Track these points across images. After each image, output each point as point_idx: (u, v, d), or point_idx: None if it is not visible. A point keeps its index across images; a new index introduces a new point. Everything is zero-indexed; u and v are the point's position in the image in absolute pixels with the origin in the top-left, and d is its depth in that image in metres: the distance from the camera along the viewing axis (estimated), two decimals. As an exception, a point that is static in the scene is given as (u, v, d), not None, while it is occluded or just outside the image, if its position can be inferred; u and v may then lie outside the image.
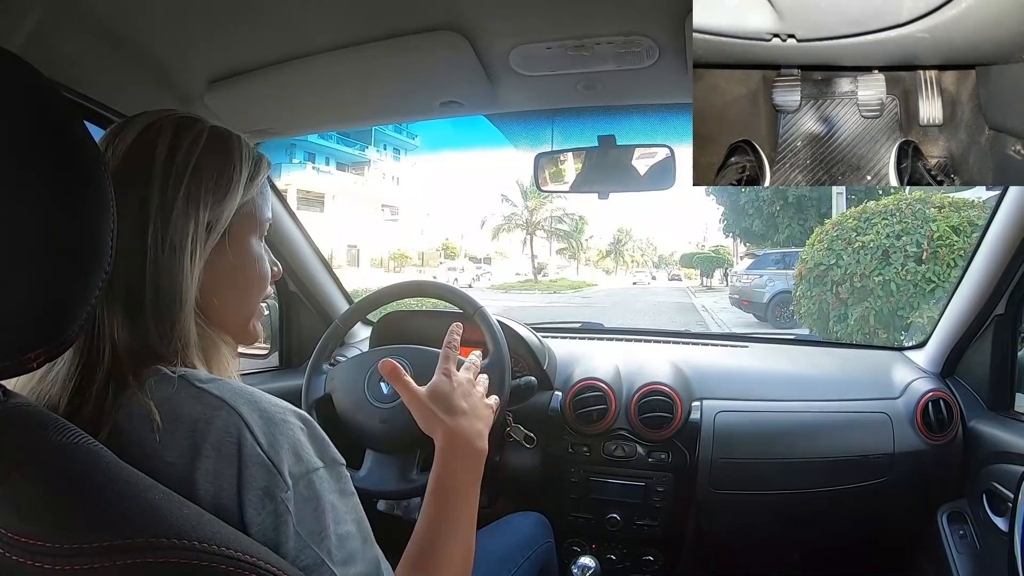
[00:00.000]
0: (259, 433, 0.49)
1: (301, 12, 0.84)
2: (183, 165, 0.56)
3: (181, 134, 0.57)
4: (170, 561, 0.40)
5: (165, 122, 0.58)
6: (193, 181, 0.56)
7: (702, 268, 26.33)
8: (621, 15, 0.84)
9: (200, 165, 0.57)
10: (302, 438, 0.52)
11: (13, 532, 0.39)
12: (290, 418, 0.52)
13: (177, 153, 0.56)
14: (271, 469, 0.48)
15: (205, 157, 0.57)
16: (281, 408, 0.53)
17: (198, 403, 0.50)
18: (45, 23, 0.73)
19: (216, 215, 0.57)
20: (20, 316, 0.40)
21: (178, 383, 0.51)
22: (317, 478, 0.51)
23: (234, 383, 0.53)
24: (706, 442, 1.29)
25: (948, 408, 1.27)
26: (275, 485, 0.48)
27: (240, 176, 0.59)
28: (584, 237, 38.06)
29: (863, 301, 5.32)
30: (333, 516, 0.51)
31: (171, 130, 0.57)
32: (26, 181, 0.40)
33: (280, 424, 0.51)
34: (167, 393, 0.50)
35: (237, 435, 0.48)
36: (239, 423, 0.49)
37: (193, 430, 0.49)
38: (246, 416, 0.50)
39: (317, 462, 0.52)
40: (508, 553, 1.06)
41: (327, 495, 0.51)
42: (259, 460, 0.48)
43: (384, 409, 1.10)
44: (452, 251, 37.28)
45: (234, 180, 0.59)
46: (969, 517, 1.26)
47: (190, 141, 0.57)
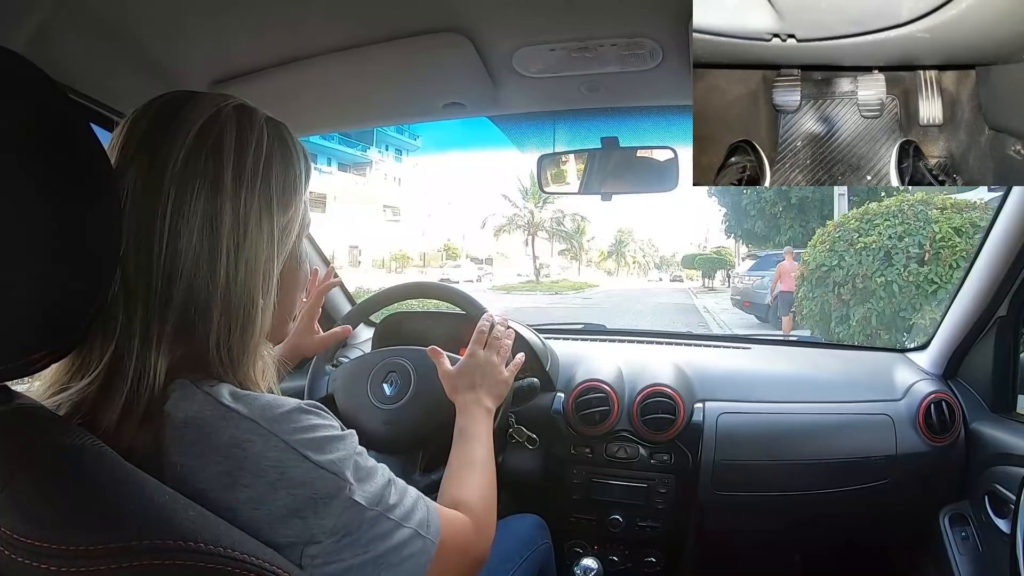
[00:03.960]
0: (302, 446, 0.48)
1: (304, 14, 0.85)
2: (254, 169, 0.52)
3: (245, 131, 0.52)
4: (176, 563, 0.40)
5: (227, 117, 0.52)
6: (264, 188, 0.52)
7: (704, 269, 26.32)
8: (624, 17, 0.84)
9: (269, 168, 0.53)
10: (335, 429, 0.53)
11: (18, 534, 0.39)
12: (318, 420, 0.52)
13: (246, 155, 0.52)
14: (324, 474, 0.49)
15: (272, 158, 0.54)
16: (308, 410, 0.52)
17: (229, 426, 0.48)
18: (47, 25, 0.73)
19: (286, 221, 0.55)
20: (24, 318, 0.40)
21: (204, 400, 0.48)
22: (358, 455, 0.53)
23: (262, 398, 0.50)
24: (708, 443, 1.29)
25: (950, 410, 1.26)
26: (334, 485, 0.49)
27: (302, 175, 0.57)
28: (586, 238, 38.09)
29: (865, 302, 5.30)
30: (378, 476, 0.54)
31: (235, 126, 0.52)
32: (31, 183, 0.40)
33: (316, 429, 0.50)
34: (195, 410, 0.48)
35: (279, 458, 0.47)
36: (279, 444, 0.48)
37: (228, 456, 0.47)
38: (285, 436, 0.48)
39: (354, 444, 0.53)
40: (507, 554, 1.06)
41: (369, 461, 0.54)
42: (310, 471, 0.48)
43: (387, 410, 1.10)
44: (453, 252, 37.29)
45: (297, 181, 0.56)
46: (971, 519, 1.25)
47: (256, 139, 0.53)
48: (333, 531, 0.48)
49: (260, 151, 0.53)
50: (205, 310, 0.50)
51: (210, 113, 0.52)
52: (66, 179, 0.41)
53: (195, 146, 0.50)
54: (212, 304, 0.50)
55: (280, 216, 0.54)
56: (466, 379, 0.90)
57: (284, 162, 0.55)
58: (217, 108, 0.53)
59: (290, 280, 0.60)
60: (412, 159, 32.04)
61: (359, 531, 0.50)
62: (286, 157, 0.56)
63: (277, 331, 0.61)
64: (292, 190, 0.55)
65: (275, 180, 0.54)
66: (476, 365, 0.92)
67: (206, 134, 0.51)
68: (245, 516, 0.46)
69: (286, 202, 0.55)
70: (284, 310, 0.61)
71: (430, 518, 0.57)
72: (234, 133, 0.52)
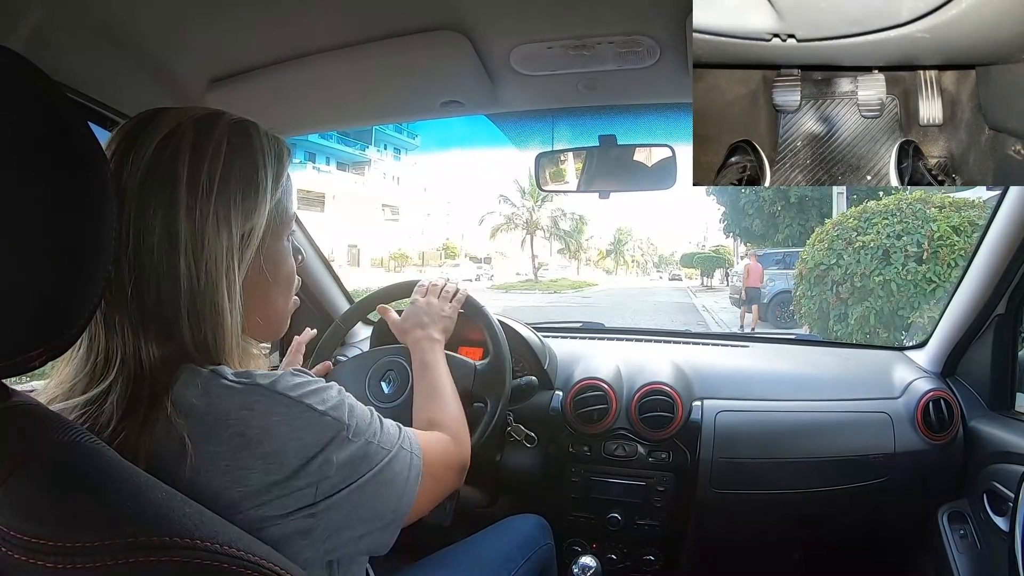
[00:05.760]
0: (303, 400, 0.53)
1: (302, 12, 0.84)
2: (209, 182, 0.53)
3: (202, 142, 0.54)
4: (173, 560, 0.40)
5: (183, 131, 0.54)
6: (221, 198, 0.54)
7: (702, 268, 26.36)
8: (622, 15, 0.84)
9: (227, 177, 0.54)
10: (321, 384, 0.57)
11: (15, 531, 0.39)
12: (308, 376, 0.56)
13: (201, 168, 0.53)
14: (327, 421, 0.54)
15: (230, 166, 0.55)
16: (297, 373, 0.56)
17: (235, 394, 0.51)
18: (46, 23, 0.72)
19: (248, 228, 0.56)
20: (21, 315, 0.40)
21: (209, 377, 0.52)
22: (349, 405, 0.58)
23: (259, 371, 0.55)
24: (707, 442, 1.29)
25: (949, 408, 1.27)
26: (336, 431, 0.54)
27: (267, 180, 0.57)
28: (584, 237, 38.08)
29: (863, 301, 5.32)
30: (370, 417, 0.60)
31: (191, 140, 0.54)
32: (30, 181, 0.40)
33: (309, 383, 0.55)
34: (202, 388, 0.51)
35: (285, 413, 0.52)
36: (282, 399, 0.52)
37: (237, 419, 0.50)
38: (285, 391, 0.53)
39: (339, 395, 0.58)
40: (508, 554, 1.06)
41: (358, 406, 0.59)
42: (314, 421, 0.53)
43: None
44: (452, 251, 37.29)
45: (261, 186, 0.56)
46: (970, 517, 1.26)
47: (213, 150, 0.54)
48: (340, 465, 0.53)
49: (217, 161, 0.54)
50: (175, 317, 0.53)
51: (169, 129, 0.54)
52: (64, 177, 0.41)
53: (152, 163, 0.52)
54: (180, 310, 0.53)
55: (241, 223, 0.55)
56: (412, 320, 1.02)
57: (246, 169, 0.56)
58: (177, 123, 0.54)
59: (267, 281, 0.60)
60: (411, 158, 32.02)
61: (360, 462, 0.55)
62: (249, 163, 0.56)
63: (264, 330, 0.64)
64: (255, 195, 0.56)
65: (234, 188, 0.55)
66: (418, 308, 1.05)
67: (162, 150, 0.53)
68: (258, 478, 0.49)
69: (248, 209, 0.56)
70: (270, 310, 0.63)
71: (412, 441, 0.63)
72: (190, 147, 0.54)
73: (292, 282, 0.66)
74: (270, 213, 0.58)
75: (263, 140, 0.58)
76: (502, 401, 1.10)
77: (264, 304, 0.62)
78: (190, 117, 0.55)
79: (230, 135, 0.56)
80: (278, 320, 0.65)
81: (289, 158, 0.62)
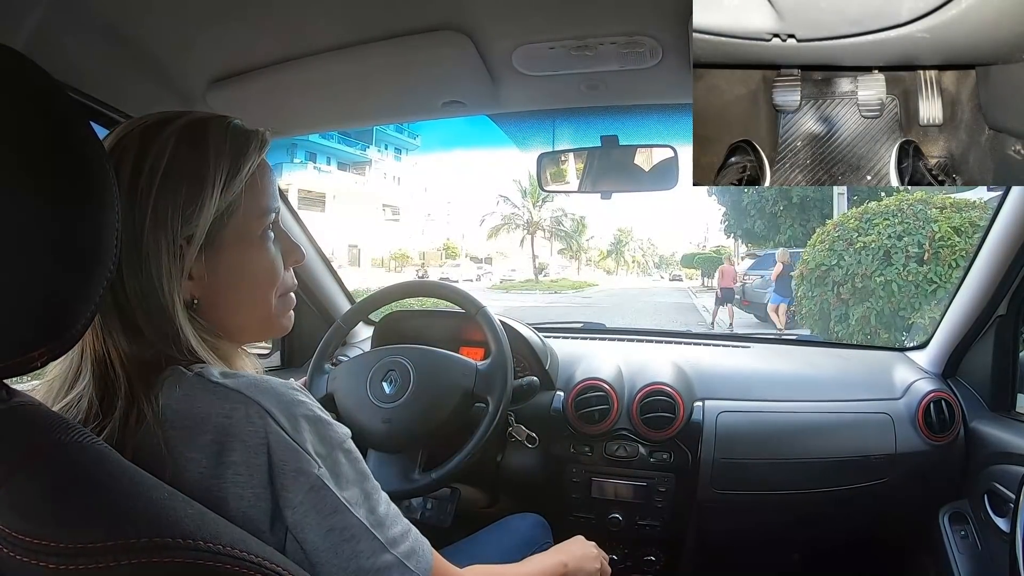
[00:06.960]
0: (281, 419, 0.51)
1: (303, 12, 0.84)
2: (147, 186, 0.53)
3: (147, 147, 0.54)
4: (175, 561, 0.40)
5: (132, 134, 0.55)
6: (160, 202, 0.53)
7: (703, 268, 26.30)
8: (624, 15, 0.84)
9: (166, 183, 0.54)
10: (321, 415, 0.54)
11: (17, 531, 0.39)
12: (305, 398, 0.54)
13: (141, 172, 0.53)
14: (298, 450, 0.51)
15: (172, 170, 0.54)
16: (295, 390, 0.54)
17: (216, 399, 0.51)
18: (47, 23, 0.73)
19: (189, 231, 0.55)
20: (23, 315, 0.40)
21: (194, 380, 0.52)
22: (343, 451, 0.54)
23: (249, 375, 0.54)
24: (708, 442, 1.29)
25: (949, 409, 1.26)
26: (307, 464, 0.51)
27: (215, 182, 0.56)
28: (585, 237, 38.06)
29: (864, 301, 5.31)
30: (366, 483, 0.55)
31: (136, 144, 0.54)
32: (31, 180, 0.40)
33: (299, 405, 0.53)
34: (184, 391, 0.51)
35: (262, 425, 0.50)
36: (261, 412, 0.50)
37: (215, 426, 0.50)
38: (266, 405, 0.51)
39: (340, 435, 0.55)
40: (508, 554, 1.06)
41: (358, 464, 0.55)
42: (287, 444, 0.50)
43: (386, 409, 1.10)
44: (453, 251, 37.28)
45: (206, 190, 0.55)
46: (970, 518, 1.26)
47: (155, 155, 0.54)
48: (299, 505, 0.51)
49: (156, 169, 0.54)
50: (134, 316, 0.54)
51: (117, 139, 0.55)
52: (65, 177, 0.41)
53: None
54: (139, 315, 0.54)
55: (182, 228, 0.54)
56: (579, 552, 0.92)
57: (190, 174, 0.55)
58: (125, 132, 0.55)
59: (245, 277, 0.60)
60: (412, 158, 32.00)
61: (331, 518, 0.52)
62: (194, 168, 0.55)
63: (257, 330, 0.64)
64: (199, 200, 0.55)
65: (174, 195, 0.54)
66: (588, 554, 0.93)
67: (115, 148, 0.54)
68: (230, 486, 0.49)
69: (189, 214, 0.54)
70: (253, 308, 0.62)
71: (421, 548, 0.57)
72: (132, 156, 0.54)
73: (275, 278, 0.62)
74: (230, 208, 0.57)
75: (220, 136, 0.57)
76: (503, 401, 1.10)
77: (244, 303, 0.61)
78: (139, 125, 0.56)
79: (180, 134, 0.56)
80: (267, 318, 0.63)
81: (258, 155, 0.59)
